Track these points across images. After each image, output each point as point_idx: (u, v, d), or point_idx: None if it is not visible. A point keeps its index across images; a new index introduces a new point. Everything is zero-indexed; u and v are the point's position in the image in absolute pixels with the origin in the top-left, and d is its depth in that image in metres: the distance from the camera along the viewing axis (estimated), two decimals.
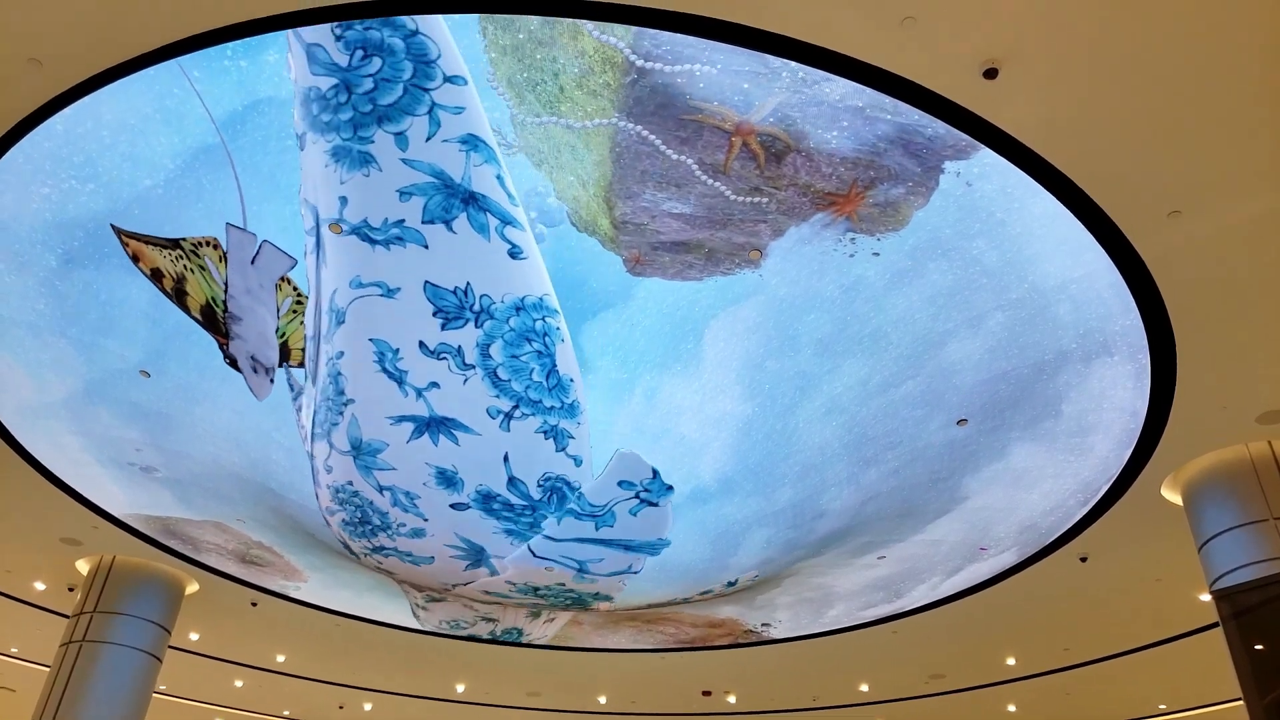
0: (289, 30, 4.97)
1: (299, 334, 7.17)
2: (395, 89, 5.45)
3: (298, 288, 6.83)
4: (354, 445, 8.37)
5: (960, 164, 5.26)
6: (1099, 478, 8.07)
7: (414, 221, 6.28)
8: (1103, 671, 13.35)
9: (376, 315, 7.06)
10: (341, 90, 5.38)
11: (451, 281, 6.80)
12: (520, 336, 7.21)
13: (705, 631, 12.55)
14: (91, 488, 9.23)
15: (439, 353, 7.41)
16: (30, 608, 12.90)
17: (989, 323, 6.46)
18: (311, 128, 5.66)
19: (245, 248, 6.43)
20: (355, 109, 5.49)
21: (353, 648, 14.19)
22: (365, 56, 5.23)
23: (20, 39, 4.72)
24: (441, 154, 5.79)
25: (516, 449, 8.21)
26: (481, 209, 6.16)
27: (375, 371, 7.59)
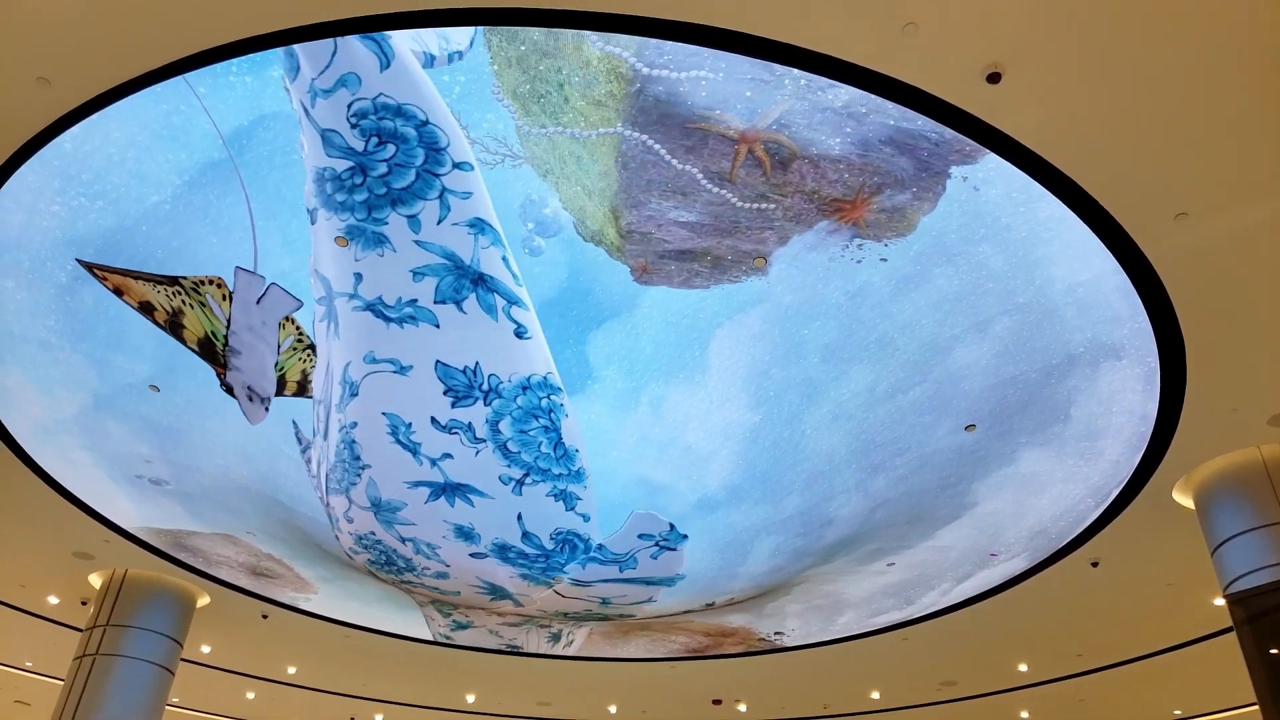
0: (302, 110, 5.32)
1: (297, 368, 7.33)
2: (408, 174, 5.75)
3: (300, 326, 6.98)
4: (373, 503, 8.83)
5: (967, 168, 5.25)
6: (1109, 482, 8.04)
7: (426, 301, 6.65)
8: (1116, 677, 13.26)
9: (389, 390, 7.46)
10: (357, 173, 5.62)
11: (461, 361, 7.20)
12: (527, 414, 7.64)
13: (717, 640, 12.51)
14: (103, 502, 9.27)
15: (450, 428, 7.82)
16: (44, 622, 12.94)
17: (996, 328, 6.44)
18: (325, 206, 5.94)
19: (252, 289, 6.59)
20: (370, 191, 5.74)
21: (363, 659, 14.19)
22: (380, 143, 5.50)
23: (29, 58, 4.76)
24: (452, 236, 6.14)
25: (529, 509, 8.70)
26: (490, 290, 6.52)
27: (390, 442, 8.02)
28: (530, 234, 6.01)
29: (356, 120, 5.37)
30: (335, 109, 5.44)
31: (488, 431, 7.85)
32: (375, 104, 5.35)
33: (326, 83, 5.29)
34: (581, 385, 7.20)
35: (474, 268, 6.35)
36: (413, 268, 6.35)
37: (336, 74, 5.25)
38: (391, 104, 5.35)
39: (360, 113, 5.35)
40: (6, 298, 6.52)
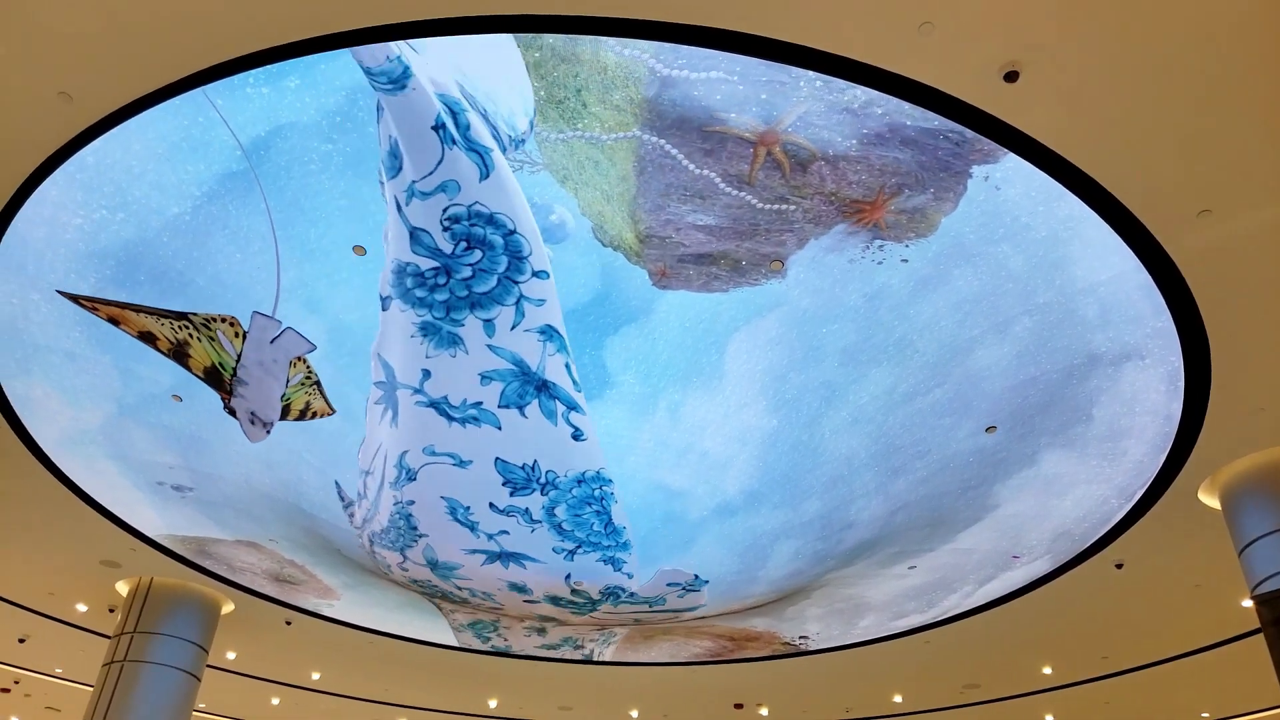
0: (394, 205, 5.66)
1: (302, 399, 7.55)
2: (490, 279, 6.14)
3: (310, 366, 7.14)
4: (430, 562, 9.54)
5: (988, 167, 5.22)
6: (1133, 483, 7.96)
7: (491, 404, 7.10)
8: (1143, 680, 13.13)
9: (448, 477, 8.02)
10: (441, 274, 5.83)
11: (520, 458, 7.71)
12: (581, 502, 8.22)
13: (741, 644, 12.48)
14: (129, 511, 9.37)
15: (508, 511, 8.40)
16: (73, 629, 13.09)
17: (1016, 328, 6.40)
18: (402, 298, 6.28)
19: (267, 331, 6.78)
20: (452, 293, 6.00)
21: (386, 665, 14.26)
22: (468, 248, 5.80)
23: (51, 73, 4.82)
24: (522, 342, 6.56)
25: (579, 571, 9.45)
26: (552, 396, 7.00)
27: (448, 519, 8.62)
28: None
29: (449, 224, 5.66)
30: (430, 210, 5.73)
31: (543, 515, 8.47)
32: (470, 210, 5.60)
33: (427, 186, 5.62)
34: (599, 391, 7.20)
35: (539, 374, 6.79)
36: (482, 371, 6.77)
37: (439, 179, 5.57)
38: (485, 212, 5.64)
39: (454, 217, 5.63)
40: (31, 310, 6.60)
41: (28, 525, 9.83)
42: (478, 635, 12.62)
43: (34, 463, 8.44)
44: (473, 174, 5.58)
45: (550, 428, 7.39)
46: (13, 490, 9.03)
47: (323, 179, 5.57)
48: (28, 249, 6.08)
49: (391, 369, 6.90)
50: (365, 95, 5.05)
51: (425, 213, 5.82)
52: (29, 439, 8.09)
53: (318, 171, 5.53)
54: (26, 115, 5.08)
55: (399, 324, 6.51)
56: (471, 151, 5.46)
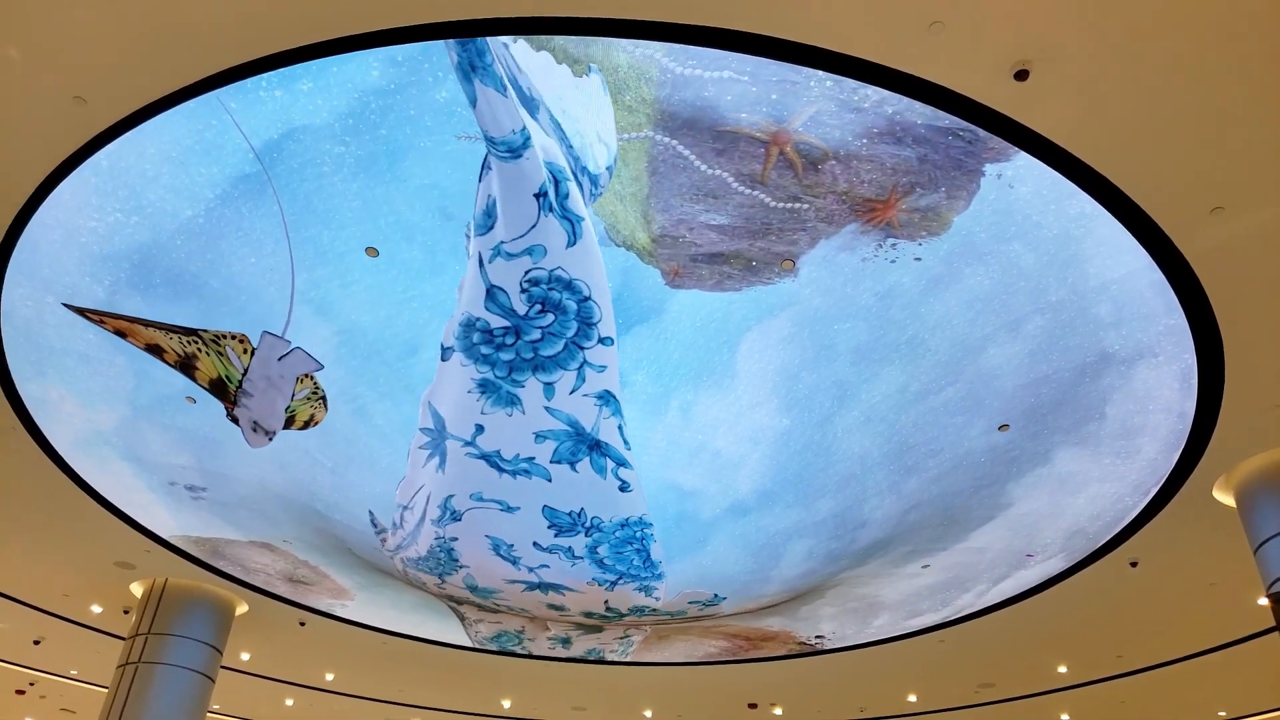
0: (476, 261, 5.88)
1: (307, 411, 7.68)
2: (558, 343, 6.37)
3: (317, 381, 7.35)
4: (470, 587, 9.98)
5: (1001, 165, 5.20)
6: (1147, 481, 7.93)
7: (543, 460, 7.35)
8: (1158, 678, 13.07)
9: (493, 519, 8.36)
10: (511, 334, 5.93)
11: (567, 506, 8.03)
12: (623, 542, 8.59)
13: (757, 644, 12.47)
14: (142, 512, 9.42)
15: (551, 549, 8.79)
16: (88, 630, 13.17)
17: (1028, 326, 6.38)
18: (466, 352, 6.47)
19: (275, 349, 6.99)
20: (518, 354, 6.19)
21: (400, 665, 14.30)
22: (542, 311, 5.95)
23: (65, 78, 4.86)
24: (579, 406, 6.77)
25: (615, 598, 10.17)
26: (603, 454, 7.23)
27: (490, 554, 8.99)
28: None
29: (529, 286, 5.87)
30: (513, 271, 5.89)
31: (585, 553, 8.88)
32: (550, 275, 5.71)
33: (515, 248, 5.80)
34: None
35: (593, 435, 7.09)
36: (537, 430, 6.98)
37: (529, 243, 5.76)
38: (565, 278, 5.86)
39: (535, 280, 5.83)
40: (47, 312, 6.65)
41: (43, 527, 9.90)
42: (500, 646, 12.78)
43: (49, 465, 8.50)
44: (561, 240, 5.81)
45: (599, 481, 7.74)
46: (28, 492, 9.09)
47: (335, 181, 5.60)
48: (42, 252, 6.13)
49: (442, 419, 7.10)
50: (377, 97, 5.07)
51: (507, 273, 6.01)
52: (44, 441, 8.15)
53: (330, 174, 5.55)
54: (41, 119, 5.12)
55: (457, 377, 6.64)
56: (564, 219, 5.69)
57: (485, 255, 5.88)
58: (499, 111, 5.16)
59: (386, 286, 6.38)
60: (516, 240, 5.72)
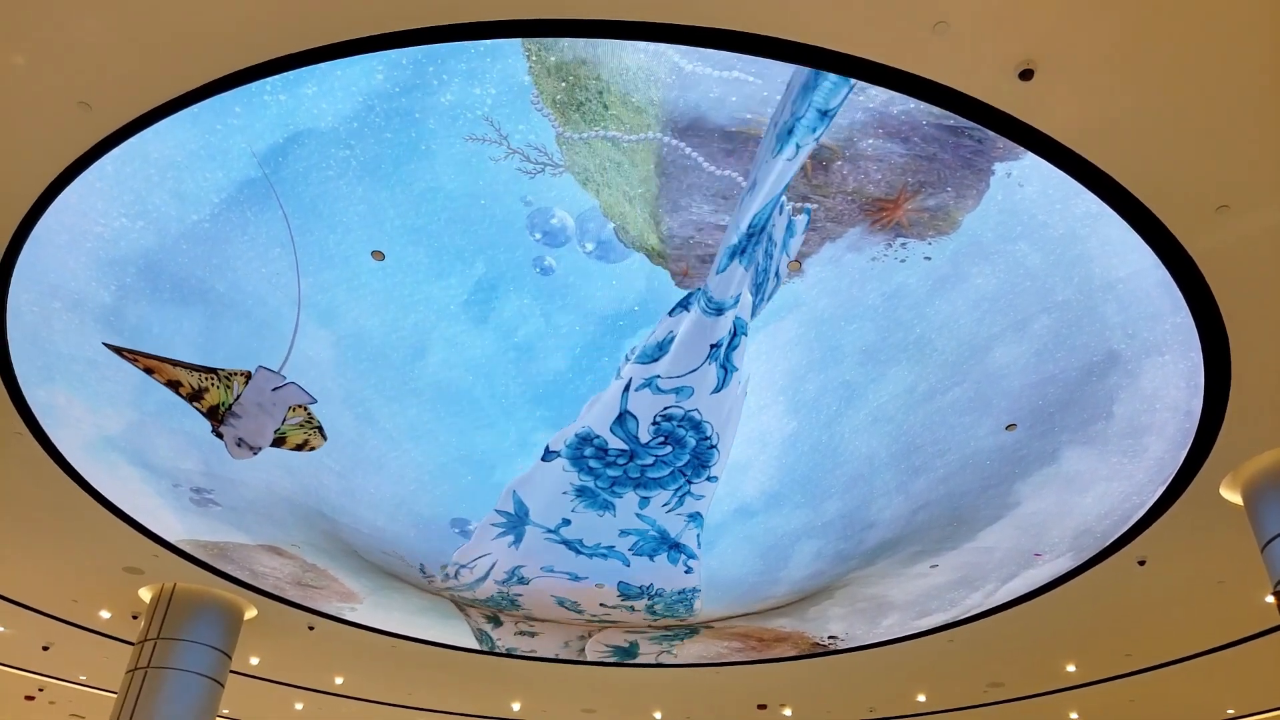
0: (622, 385, 6.39)
1: (300, 436, 7.92)
2: (666, 470, 6.76)
3: (311, 413, 7.63)
4: (525, 618, 10.85)
5: (1010, 164, 5.19)
6: (1155, 479, 7.91)
7: (622, 548, 7.84)
8: (1167, 677, 13.04)
9: (561, 584, 9.00)
10: (625, 456, 6.46)
11: (638, 583, 8.81)
12: (676, 602, 9.50)
13: (770, 644, 12.46)
14: (151, 517, 9.44)
15: (614, 607, 9.60)
16: (97, 636, 13.21)
17: (1035, 326, 6.37)
18: (573, 462, 6.86)
19: (271, 382, 7.30)
20: (625, 473, 6.29)
21: (409, 669, 14.31)
22: (664, 443, 6.40)
23: (70, 83, 4.87)
24: (669, 520, 7.25)
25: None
26: (679, 552, 7.80)
27: (553, 605, 9.81)
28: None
29: (660, 420, 6.21)
30: (653, 404, 6.19)
31: (644, 609, 9.77)
32: (686, 414, 5.78)
33: (667, 384, 6.17)
34: None
35: (674, 539, 7.59)
36: (623, 529, 7.39)
37: (681, 383, 6.20)
38: (697, 419, 6.21)
39: (669, 416, 6.18)
40: (54, 318, 6.67)
41: (51, 532, 9.92)
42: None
43: (56, 470, 8.53)
44: (710, 385, 6.30)
45: (670, 568, 8.58)
46: (36, 497, 9.12)
47: (340, 185, 5.61)
48: (49, 258, 6.15)
49: (526, 509, 7.50)
50: (381, 100, 5.08)
51: (647, 404, 6.43)
52: (51, 446, 8.17)
53: (335, 178, 5.56)
54: (46, 125, 5.14)
55: (554, 479, 6.99)
56: (721, 367, 6.18)
57: (635, 382, 6.40)
58: (733, 281, 5.71)
59: (393, 290, 6.39)
60: (673, 379, 6.25)
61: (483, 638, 12.62)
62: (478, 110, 5.13)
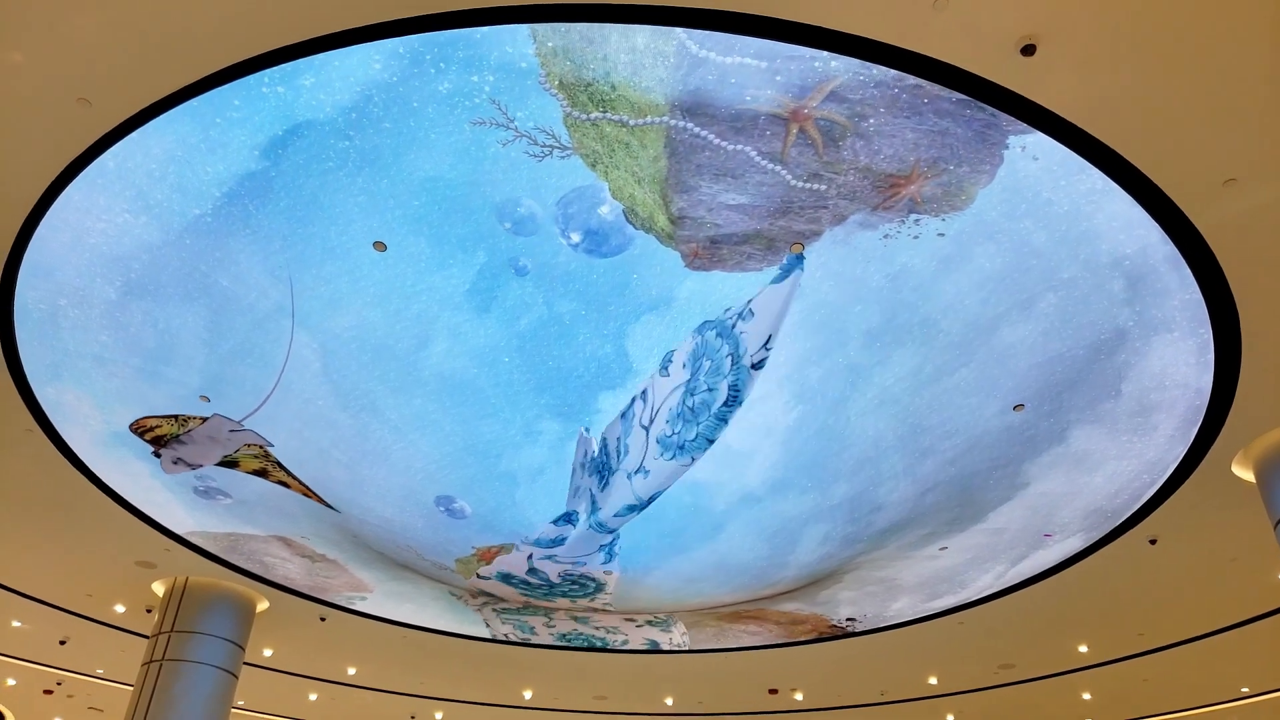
0: (529, 555, 7.21)
1: (254, 464, 8.51)
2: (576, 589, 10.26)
3: (269, 452, 8.30)
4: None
5: (1025, 138, 5.11)
6: (1165, 457, 7.87)
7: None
8: (1180, 656, 13.01)
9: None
10: (544, 585, 9.97)
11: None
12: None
13: (789, 629, 12.46)
14: (161, 512, 9.49)
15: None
16: (112, 630, 13.30)
17: (1041, 305, 6.33)
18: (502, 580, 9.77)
19: (228, 425, 7.96)
20: (550, 588, 9.86)
21: (421, 658, 14.38)
22: (571, 582, 9.79)
23: (69, 80, 4.87)
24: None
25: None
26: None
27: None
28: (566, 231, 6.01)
29: (563, 575, 9.98)
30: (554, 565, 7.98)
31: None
32: (577, 567, 9.17)
33: (564, 558, 9.41)
34: (622, 379, 7.21)
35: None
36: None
37: (577, 558, 9.64)
38: (582, 571, 9.76)
39: (569, 572, 9.35)
40: (60, 315, 6.68)
41: (64, 528, 9.98)
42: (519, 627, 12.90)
43: (67, 466, 8.57)
44: (599, 559, 9.61)
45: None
46: (48, 494, 9.17)
47: (340, 176, 5.59)
48: (53, 254, 6.16)
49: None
50: (380, 90, 5.06)
51: (549, 565, 9.33)
52: (62, 443, 8.21)
53: (335, 169, 5.55)
54: (47, 122, 5.14)
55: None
56: (609, 553, 9.53)
57: (537, 556, 9.49)
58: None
59: (395, 280, 6.38)
60: (567, 560, 9.34)
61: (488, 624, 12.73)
62: (481, 94, 5.10)
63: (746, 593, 10.66)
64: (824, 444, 7.81)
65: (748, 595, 10.83)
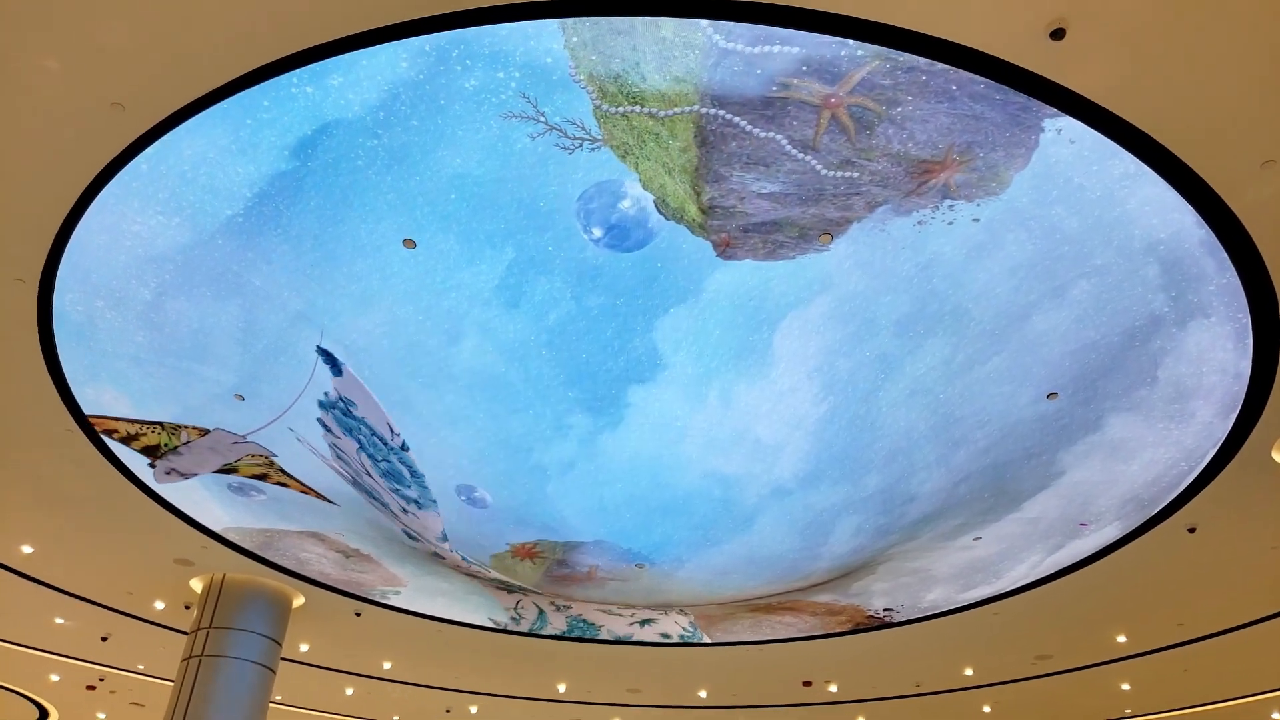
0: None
1: (251, 468, 8.84)
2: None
3: (273, 461, 8.64)
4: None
5: (1061, 120, 5.03)
6: (1203, 444, 7.76)
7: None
8: (1221, 645, 12.83)
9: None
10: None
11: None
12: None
13: (825, 620, 12.42)
14: (198, 509, 9.62)
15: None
16: (152, 626, 13.50)
17: (1073, 291, 6.26)
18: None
19: (230, 438, 8.28)
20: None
21: (455, 652, 14.48)
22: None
23: (103, 86, 4.94)
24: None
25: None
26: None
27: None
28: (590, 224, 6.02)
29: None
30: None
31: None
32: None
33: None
34: (652, 373, 7.21)
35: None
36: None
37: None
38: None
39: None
40: (97, 316, 6.79)
41: (105, 527, 10.15)
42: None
43: (107, 466, 8.71)
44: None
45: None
46: (89, 494, 9.32)
47: (369, 174, 5.63)
48: (89, 257, 6.25)
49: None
50: (407, 88, 5.09)
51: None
52: (101, 443, 8.34)
53: (364, 167, 5.59)
54: (82, 127, 5.22)
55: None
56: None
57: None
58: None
59: (425, 277, 6.42)
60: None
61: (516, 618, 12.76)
62: (508, 89, 5.11)
63: (779, 585, 10.63)
64: (855, 435, 7.77)
65: (780, 588, 10.80)
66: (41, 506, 9.70)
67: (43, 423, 8.03)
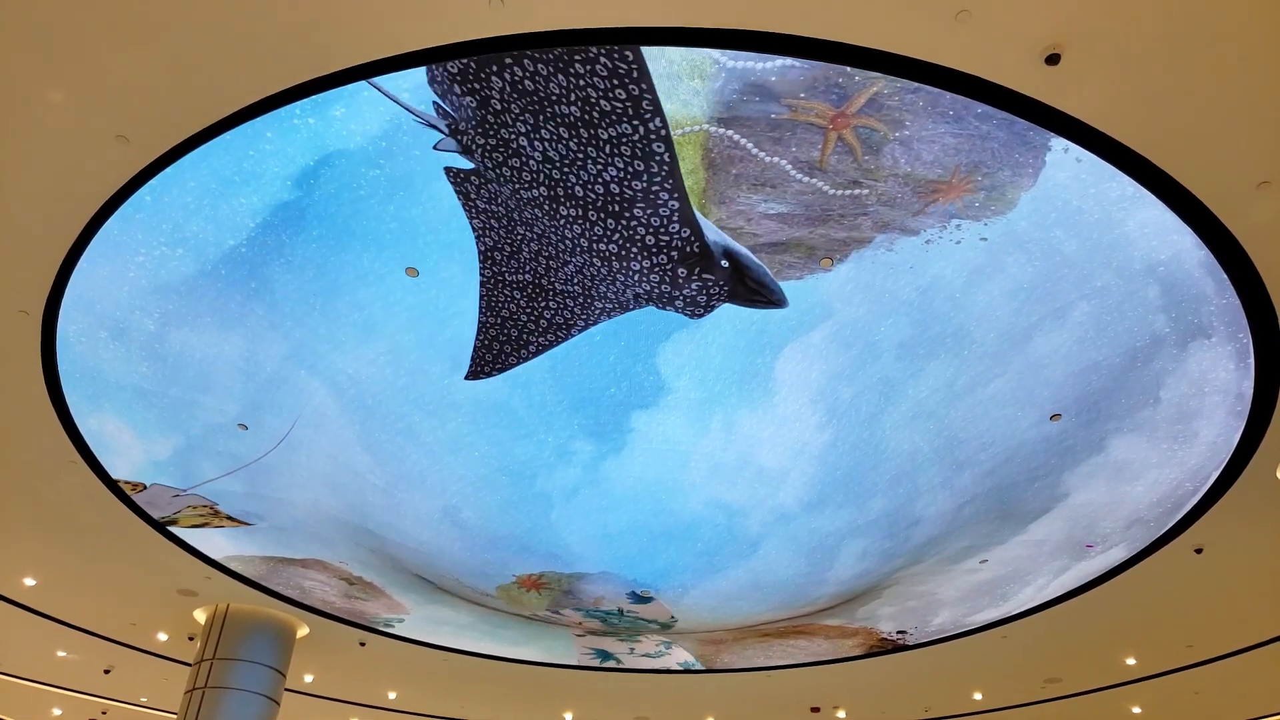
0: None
1: (195, 520, 9.16)
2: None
3: (217, 509, 8.91)
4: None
5: (1067, 140, 5.07)
6: (1208, 464, 7.74)
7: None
8: (1232, 667, 12.71)
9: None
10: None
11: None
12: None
13: (838, 643, 12.34)
14: (201, 539, 9.60)
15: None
16: (155, 658, 13.45)
17: (1075, 313, 6.27)
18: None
19: (169, 493, 8.61)
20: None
21: (460, 681, 14.40)
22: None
23: (107, 118, 4.99)
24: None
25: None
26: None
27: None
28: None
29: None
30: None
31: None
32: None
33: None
34: (655, 398, 7.22)
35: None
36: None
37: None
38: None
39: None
40: (100, 347, 6.81)
41: (107, 558, 10.13)
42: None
43: (110, 496, 8.70)
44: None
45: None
46: (91, 524, 9.31)
47: (372, 204, 5.67)
48: (94, 288, 6.28)
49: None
50: (408, 118, 5.13)
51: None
52: (104, 473, 8.34)
53: (366, 197, 5.63)
54: (86, 159, 5.26)
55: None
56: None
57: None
58: None
59: (428, 305, 6.45)
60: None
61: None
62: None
63: (785, 610, 10.58)
64: (859, 459, 7.76)
65: (787, 613, 10.75)
66: (43, 538, 9.70)
67: (45, 454, 8.04)
